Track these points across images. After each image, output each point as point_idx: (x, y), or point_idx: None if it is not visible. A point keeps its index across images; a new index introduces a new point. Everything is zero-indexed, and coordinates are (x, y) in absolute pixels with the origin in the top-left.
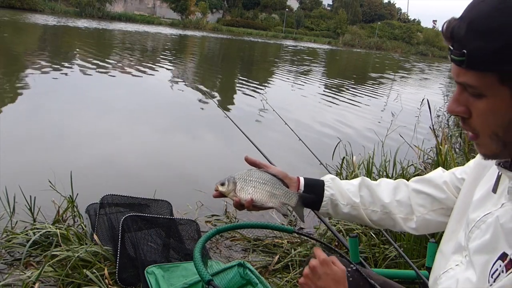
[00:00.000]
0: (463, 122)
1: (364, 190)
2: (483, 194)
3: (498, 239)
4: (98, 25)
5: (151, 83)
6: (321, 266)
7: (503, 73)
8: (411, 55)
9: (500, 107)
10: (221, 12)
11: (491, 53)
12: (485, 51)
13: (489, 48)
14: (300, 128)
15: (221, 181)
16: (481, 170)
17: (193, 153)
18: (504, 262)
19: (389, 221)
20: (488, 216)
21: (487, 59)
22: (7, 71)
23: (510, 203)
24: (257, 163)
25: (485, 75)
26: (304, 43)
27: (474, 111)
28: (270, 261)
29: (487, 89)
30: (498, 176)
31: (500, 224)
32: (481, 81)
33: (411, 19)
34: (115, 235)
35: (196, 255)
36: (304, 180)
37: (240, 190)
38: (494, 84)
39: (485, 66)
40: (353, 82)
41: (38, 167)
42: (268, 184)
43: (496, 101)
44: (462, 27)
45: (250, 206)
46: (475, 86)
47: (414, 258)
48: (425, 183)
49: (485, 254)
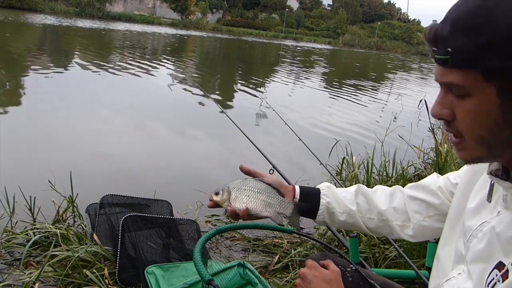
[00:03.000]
0: (447, 125)
1: (360, 198)
2: (478, 202)
3: (494, 248)
4: (98, 25)
5: (151, 83)
6: (309, 271)
7: (487, 70)
8: (411, 55)
9: (485, 106)
10: (221, 12)
11: (475, 50)
12: (468, 47)
13: (473, 45)
14: (300, 128)
15: (215, 190)
16: (473, 175)
17: (193, 153)
18: (501, 272)
19: (386, 229)
20: (484, 225)
21: (471, 56)
22: (7, 71)
23: (505, 211)
24: (252, 172)
25: (469, 73)
26: (304, 43)
27: (459, 113)
28: (270, 261)
29: (472, 87)
30: (492, 185)
31: (496, 233)
32: (465, 79)
33: (411, 19)
34: (115, 235)
35: (196, 255)
36: (300, 189)
37: (235, 200)
38: (479, 82)
39: (469, 63)
40: (354, 82)
41: (37, 167)
42: (263, 193)
43: (481, 101)
44: (445, 28)
45: (245, 216)
46: (460, 85)
47: (414, 258)
48: (419, 189)
49: (481, 263)
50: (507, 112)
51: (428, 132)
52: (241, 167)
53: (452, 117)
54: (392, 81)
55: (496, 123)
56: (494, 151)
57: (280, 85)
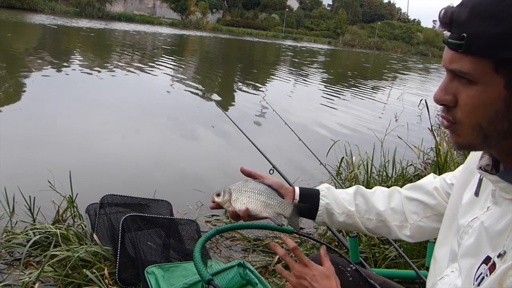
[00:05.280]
0: (447, 111)
1: (359, 199)
2: (469, 198)
3: (483, 242)
4: (98, 25)
5: (151, 82)
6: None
7: (500, 60)
8: (411, 55)
9: (490, 96)
10: (221, 12)
11: (491, 38)
12: (485, 35)
13: (490, 33)
14: (300, 128)
15: (217, 192)
16: (468, 175)
17: (193, 153)
18: (488, 265)
19: (385, 229)
20: (475, 221)
21: (486, 43)
22: (7, 71)
23: (494, 206)
24: (252, 173)
25: (481, 61)
26: (304, 43)
27: (462, 100)
28: (270, 261)
29: (480, 76)
30: (480, 179)
31: (485, 228)
32: (476, 67)
33: (411, 19)
34: (115, 235)
35: (196, 255)
36: (300, 190)
37: (235, 201)
38: (489, 72)
39: (483, 51)
40: (354, 82)
41: (37, 167)
42: (263, 194)
43: (487, 90)
44: (463, 12)
45: (246, 217)
46: (469, 72)
47: (414, 258)
48: (416, 190)
49: (470, 258)
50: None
51: (428, 132)
52: (242, 169)
53: (454, 103)
54: (393, 80)
55: (497, 114)
56: (489, 140)
57: (280, 85)
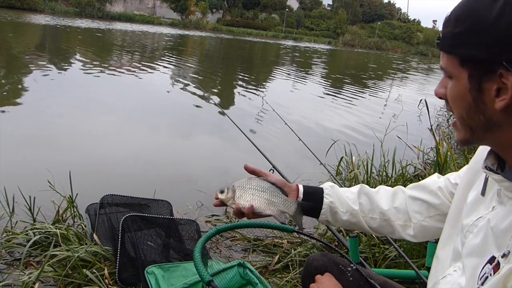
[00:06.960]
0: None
1: (363, 198)
2: (474, 198)
3: (488, 242)
4: (98, 25)
5: (151, 83)
6: None
7: (461, 56)
8: (411, 55)
9: (460, 89)
10: (221, 12)
11: (454, 37)
12: (450, 35)
13: (453, 33)
14: (300, 128)
15: (220, 189)
16: (473, 175)
17: (193, 153)
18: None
19: (388, 228)
20: (480, 220)
21: (450, 42)
22: (7, 71)
23: (500, 205)
24: (256, 171)
25: (451, 57)
26: (304, 43)
27: (447, 93)
28: (270, 261)
29: (452, 71)
30: (486, 179)
31: (491, 227)
32: (448, 63)
33: (411, 19)
34: (115, 235)
35: (196, 255)
36: (303, 188)
37: (239, 198)
38: (457, 66)
39: (449, 49)
40: (354, 82)
41: (37, 167)
42: (267, 192)
43: (458, 83)
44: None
45: (250, 214)
46: (445, 68)
47: (414, 258)
48: (420, 189)
49: (475, 257)
50: (476, 97)
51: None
52: (245, 166)
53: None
54: (393, 81)
55: (470, 106)
56: (476, 133)
57: (280, 85)
